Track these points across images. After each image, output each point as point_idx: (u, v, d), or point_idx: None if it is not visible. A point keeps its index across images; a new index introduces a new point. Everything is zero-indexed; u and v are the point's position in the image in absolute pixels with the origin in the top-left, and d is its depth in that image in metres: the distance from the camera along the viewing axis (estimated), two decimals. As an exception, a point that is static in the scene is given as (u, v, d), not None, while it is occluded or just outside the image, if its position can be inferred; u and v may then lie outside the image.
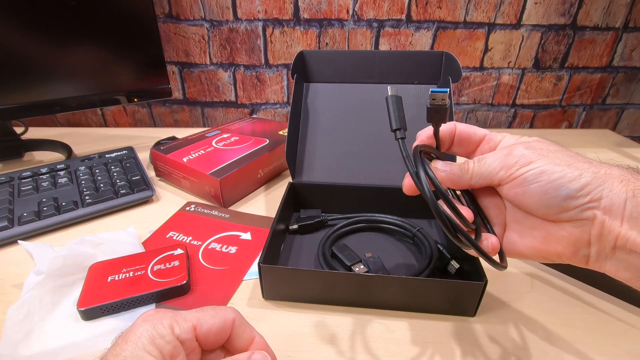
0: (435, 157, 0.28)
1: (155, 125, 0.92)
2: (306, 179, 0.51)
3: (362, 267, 0.40)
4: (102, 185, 0.54)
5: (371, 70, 0.54)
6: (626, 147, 0.78)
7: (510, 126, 0.92)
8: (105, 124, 0.92)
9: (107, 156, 0.62)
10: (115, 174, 0.57)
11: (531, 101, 0.88)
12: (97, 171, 0.57)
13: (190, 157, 0.56)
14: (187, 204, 0.54)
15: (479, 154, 0.28)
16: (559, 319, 0.36)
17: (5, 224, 0.46)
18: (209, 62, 0.83)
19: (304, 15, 0.78)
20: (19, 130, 0.70)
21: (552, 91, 0.87)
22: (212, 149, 0.60)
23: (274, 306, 0.37)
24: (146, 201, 0.55)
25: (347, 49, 0.81)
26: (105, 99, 0.67)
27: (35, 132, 0.75)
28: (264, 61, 0.83)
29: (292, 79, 0.53)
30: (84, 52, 0.62)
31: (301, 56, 0.54)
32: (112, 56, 0.65)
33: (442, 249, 0.41)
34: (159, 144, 0.68)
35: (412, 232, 0.45)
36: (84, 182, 0.54)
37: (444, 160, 0.28)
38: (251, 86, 0.86)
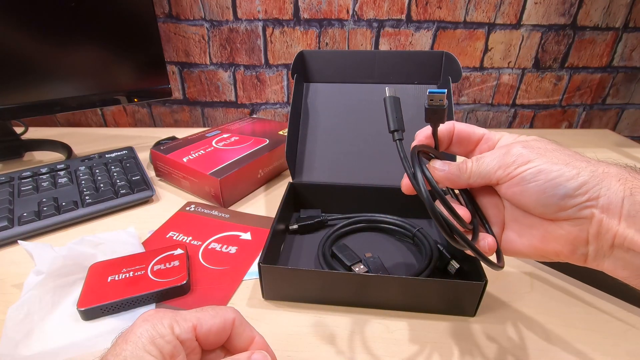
0: (433, 157, 0.28)
1: (155, 125, 0.92)
2: (306, 179, 0.51)
3: (362, 267, 0.40)
4: (102, 185, 0.54)
5: (371, 70, 0.54)
6: (626, 147, 0.78)
7: (510, 126, 0.92)
8: (105, 124, 0.92)
9: (107, 156, 0.62)
10: (115, 174, 0.57)
11: (531, 101, 0.88)
12: (97, 171, 0.57)
13: (190, 157, 0.56)
14: (187, 204, 0.54)
15: (478, 153, 0.28)
16: (558, 319, 0.36)
17: (5, 224, 0.46)
18: (209, 62, 0.83)
19: (304, 15, 0.78)
20: (19, 130, 0.70)
21: (552, 91, 0.87)
22: (212, 149, 0.60)
23: (274, 306, 0.37)
24: (146, 201, 0.55)
25: (347, 49, 0.81)
26: (105, 99, 0.67)
27: (35, 132, 0.75)
28: (264, 61, 0.83)
29: (292, 79, 0.53)
30: (84, 52, 0.62)
31: (301, 56, 0.54)
32: (112, 56, 0.65)
33: (442, 249, 0.41)
34: (159, 144, 0.68)
35: (412, 232, 0.45)
36: (84, 182, 0.54)
37: (442, 159, 0.28)
38: (251, 86, 0.86)
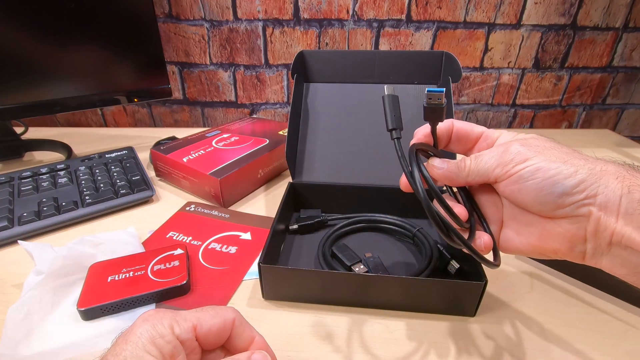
0: (432, 155, 0.28)
1: (155, 125, 0.92)
2: (306, 179, 0.51)
3: (362, 267, 0.40)
4: (102, 185, 0.54)
5: (371, 70, 0.54)
6: (626, 147, 0.78)
7: (510, 126, 0.92)
8: (105, 124, 0.92)
9: (107, 156, 0.62)
10: (115, 174, 0.57)
11: (531, 101, 0.88)
12: (97, 171, 0.57)
13: (190, 157, 0.56)
14: (187, 204, 0.54)
15: (477, 151, 0.28)
16: (558, 318, 0.36)
17: (5, 224, 0.46)
18: (209, 62, 0.83)
19: (304, 15, 0.78)
20: (19, 130, 0.70)
21: (552, 91, 0.87)
22: (212, 149, 0.60)
23: (274, 306, 0.37)
24: (146, 201, 0.55)
25: (347, 49, 0.81)
26: (105, 99, 0.67)
27: (35, 132, 0.75)
28: (264, 61, 0.83)
29: (292, 79, 0.53)
30: (84, 52, 0.62)
31: (301, 56, 0.54)
32: (112, 56, 0.65)
33: (442, 249, 0.41)
34: (159, 144, 0.68)
35: (412, 232, 0.45)
36: (84, 182, 0.54)
37: (441, 157, 0.28)
38: (251, 86, 0.86)
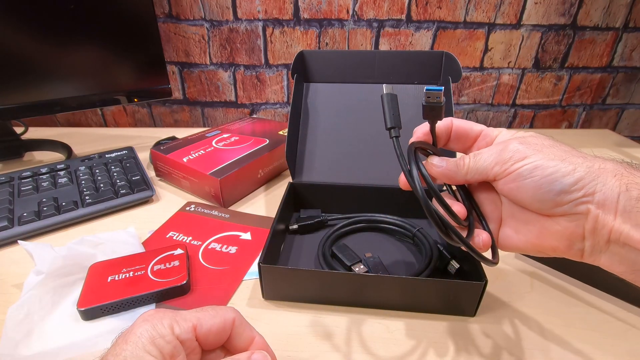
0: (431, 153, 0.28)
1: (155, 125, 0.92)
2: (306, 179, 0.51)
3: (362, 267, 0.40)
4: (102, 185, 0.54)
5: (371, 70, 0.54)
6: (626, 147, 0.78)
7: (510, 126, 0.92)
8: (105, 124, 0.92)
9: (107, 156, 0.62)
10: (115, 174, 0.57)
11: (531, 101, 0.88)
12: (97, 171, 0.57)
13: (190, 157, 0.56)
14: (187, 204, 0.54)
15: (476, 149, 0.28)
16: (558, 318, 0.36)
17: (5, 224, 0.46)
18: (209, 62, 0.83)
19: (304, 15, 0.78)
20: (19, 130, 0.70)
21: (552, 91, 0.87)
22: (212, 149, 0.60)
23: (274, 306, 0.37)
24: (146, 201, 0.55)
25: (347, 49, 0.81)
26: (105, 99, 0.67)
27: (35, 132, 0.75)
28: (264, 61, 0.83)
29: (292, 79, 0.53)
30: (84, 52, 0.62)
31: (301, 56, 0.54)
32: (112, 56, 0.65)
33: (442, 249, 0.41)
34: (159, 144, 0.68)
35: (412, 232, 0.45)
36: (84, 182, 0.54)
37: (440, 156, 0.28)
38: (251, 86, 0.86)
